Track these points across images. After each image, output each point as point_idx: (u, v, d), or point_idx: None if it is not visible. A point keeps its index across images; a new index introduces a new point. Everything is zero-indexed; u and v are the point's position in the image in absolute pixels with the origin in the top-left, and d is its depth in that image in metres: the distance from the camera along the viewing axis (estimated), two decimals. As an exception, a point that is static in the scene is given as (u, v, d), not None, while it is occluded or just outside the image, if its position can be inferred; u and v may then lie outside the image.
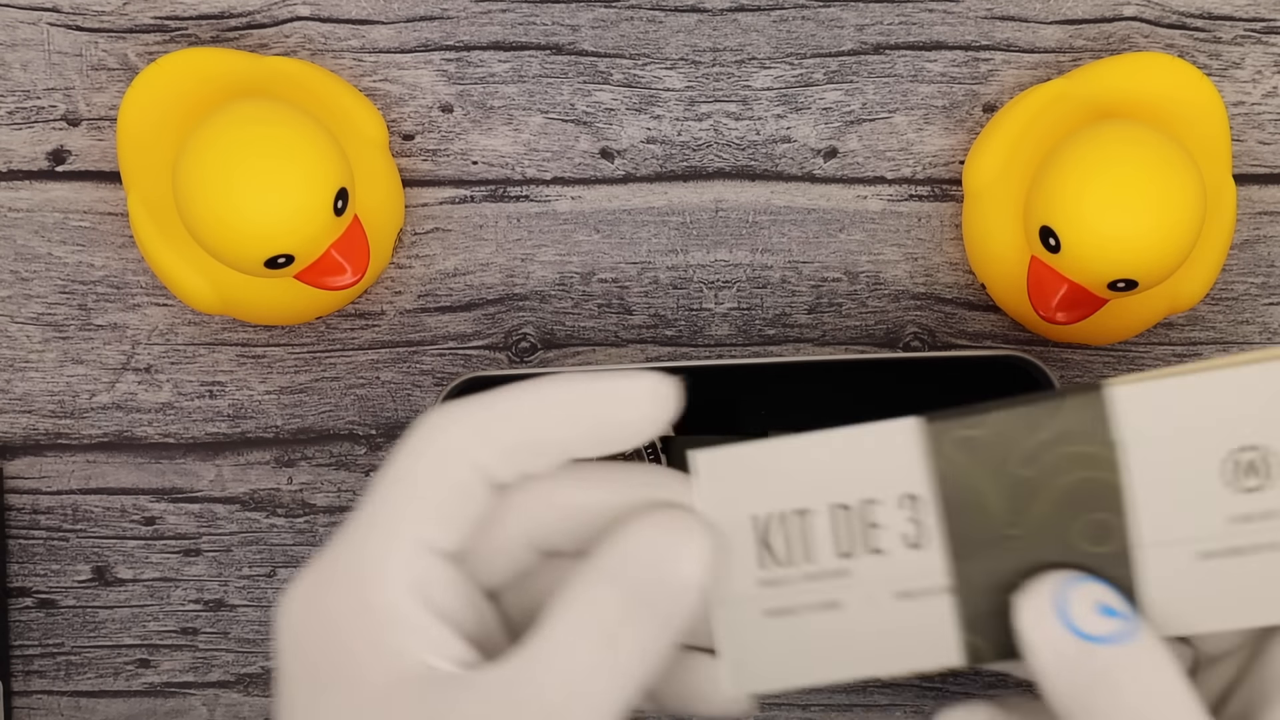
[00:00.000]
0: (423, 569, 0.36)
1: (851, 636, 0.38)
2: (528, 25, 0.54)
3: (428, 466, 0.36)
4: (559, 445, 0.36)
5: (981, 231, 0.52)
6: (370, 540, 0.36)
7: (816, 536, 0.38)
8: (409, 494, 0.36)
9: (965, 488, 0.38)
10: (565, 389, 0.36)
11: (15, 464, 0.55)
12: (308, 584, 0.36)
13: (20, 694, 0.55)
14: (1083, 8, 0.54)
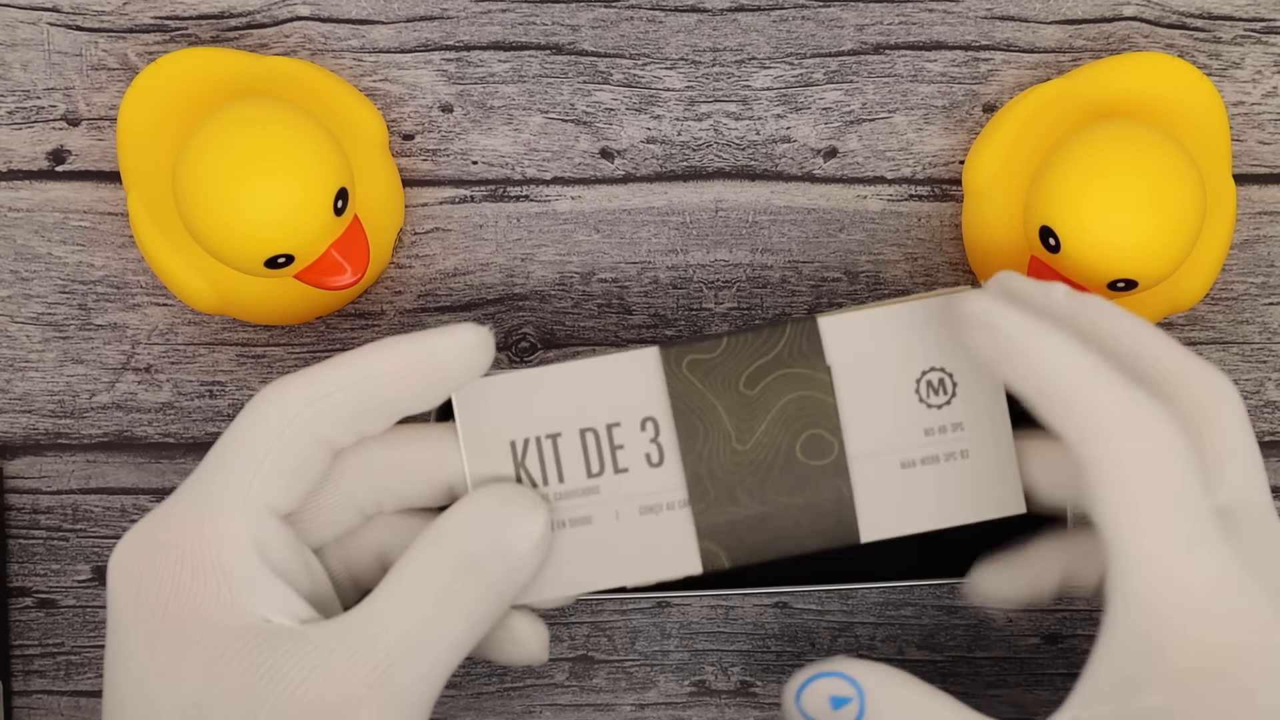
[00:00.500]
0: (261, 529, 0.38)
1: (604, 549, 0.42)
2: (528, 25, 0.54)
3: (268, 432, 0.38)
4: (392, 405, 0.39)
5: (981, 231, 0.52)
6: (211, 499, 0.37)
7: (567, 458, 0.42)
8: (249, 457, 0.38)
9: (698, 408, 0.42)
10: (392, 351, 0.39)
11: (15, 464, 0.55)
12: (143, 537, 0.38)
13: (20, 694, 0.55)
14: (1083, 8, 0.54)
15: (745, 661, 0.55)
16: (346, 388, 0.38)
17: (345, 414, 0.38)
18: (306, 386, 0.38)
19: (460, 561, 0.38)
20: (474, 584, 0.38)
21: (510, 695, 0.55)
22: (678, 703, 0.55)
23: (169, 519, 0.38)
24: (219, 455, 0.38)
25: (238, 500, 0.37)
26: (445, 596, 0.37)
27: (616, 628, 0.55)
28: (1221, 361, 0.55)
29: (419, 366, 0.39)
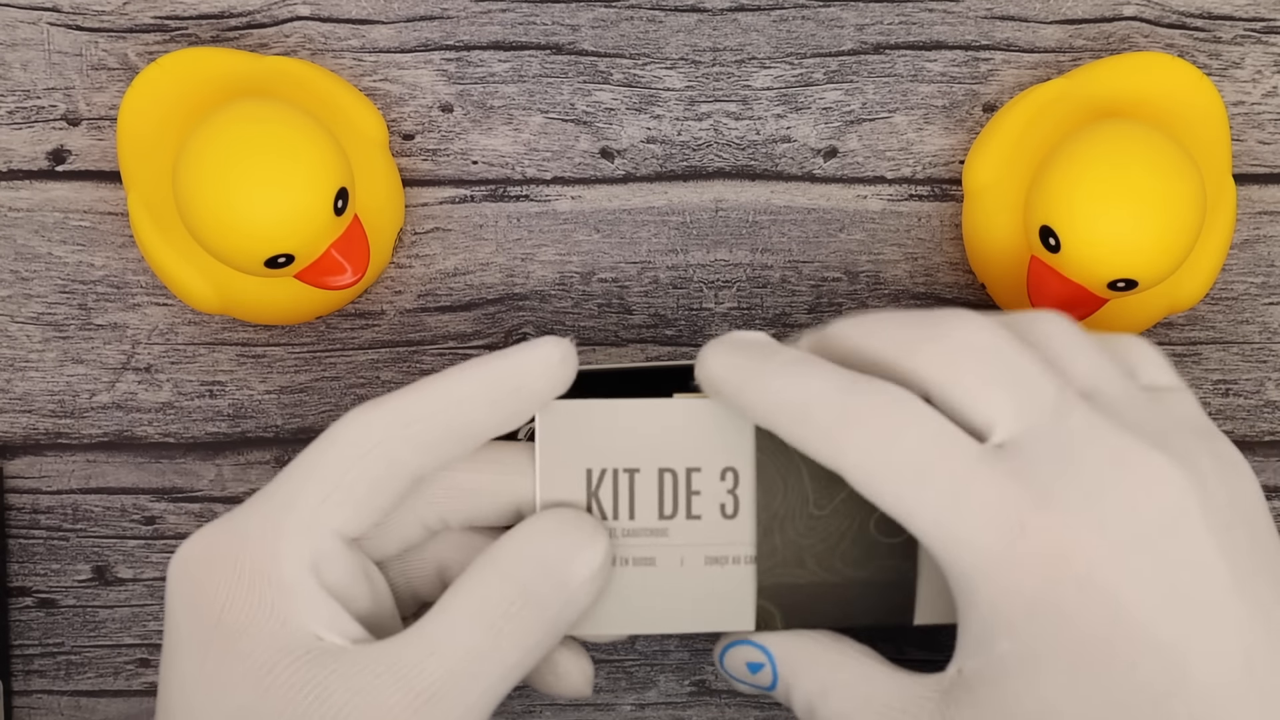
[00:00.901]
0: (325, 549, 0.37)
1: (663, 593, 0.41)
2: (528, 25, 0.54)
3: (345, 456, 0.37)
4: (477, 429, 0.38)
5: (981, 231, 0.52)
6: (279, 515, 0.37)
7: (641, 495, 0.41)
8: (326, 480, 0.37)
9: (783, 467, 0.41)
10: (476, 374, 0.38)
11: (15, 464, 0.55)
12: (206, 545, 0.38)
13: (20, 694, 0.55)
14: (1083, 8, 0.54)
15: (745, 661, 0.55)
16: (432, 415, 0.38)
17: (429, 442, 0.38)
18: (392, 412, 0.38)
19: (515, 588, 0.37)
20: (528, 612, 0.37)
21: (510, 695, 0.55)
22: (678, 702, 0.55)
23: (233, 529, 0.38)
24: (294, 472, 0.38)
25: (305, 519, 0.37)
26: (497, 624, 0.36)
27: (616, 627, 0.55)
28: (1221, 361, 0.55)
29: (504, 387, 0.38)
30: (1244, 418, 0.55)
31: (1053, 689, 0.35)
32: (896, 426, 0.36)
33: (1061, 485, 0.35)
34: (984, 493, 0.35)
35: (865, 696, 0.39)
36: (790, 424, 0.38)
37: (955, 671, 0.37)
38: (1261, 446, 0.55)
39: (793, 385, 0.37)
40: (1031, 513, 0.35)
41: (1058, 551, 0.35)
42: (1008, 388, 0.36)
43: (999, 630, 0.36)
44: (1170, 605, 0.34)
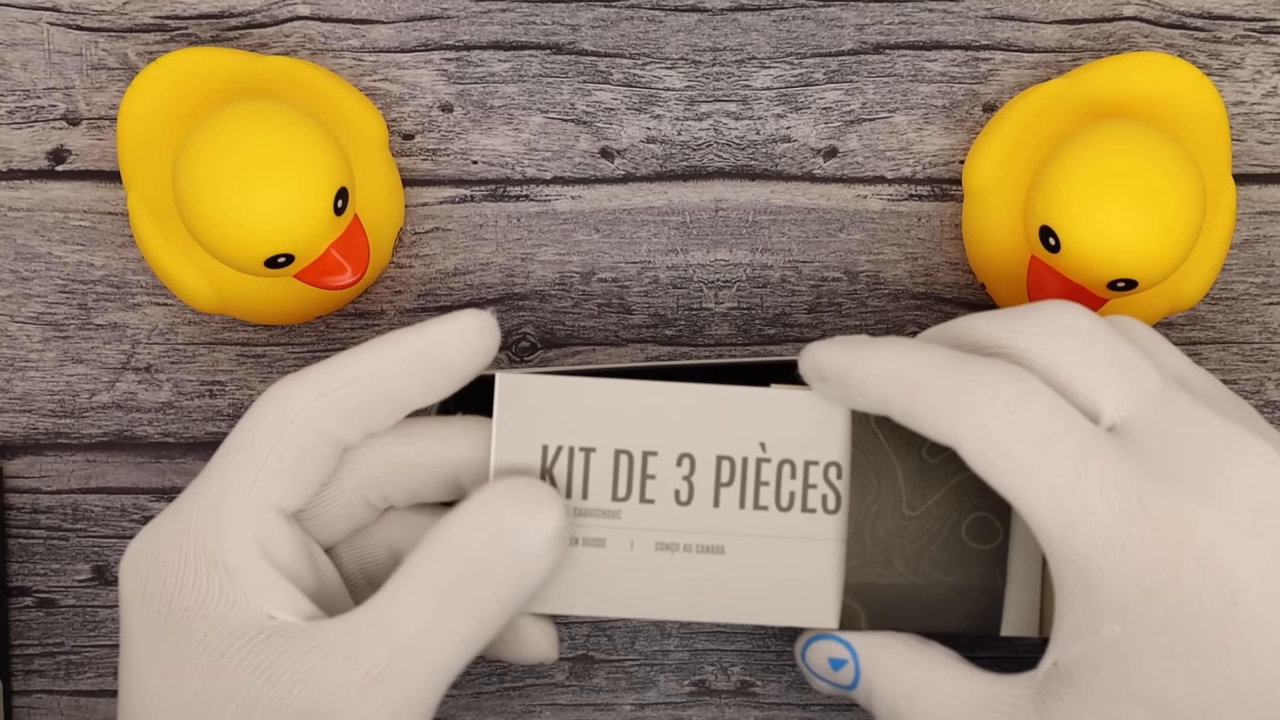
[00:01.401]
0: (265, 527, 0.37)
1: (612, 576, 0.40)
2: (528, 25, 0.54)
3: (272, 430, 0.37)
4: (397, 399, 0.38)
5: (981, 231, 0.52)
6: (214, 498, 0.37)
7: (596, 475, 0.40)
8: (255, 456, 0.37)
9: (877, 464, 0.40)
10: (394, 344, 0.38)
11: (15, 464, 0.55)
12: (151, 537, 0.38)
13: (20, 693, 0.55)
14: (1083, 8, 0.54)
15: (745, 661, 0.55)
16: (349, 383, 0.38)
17: (349, 410, 0.38)
18: (310, 383, 0.38)
19: (466, 561, 0.36)
20: (480, 585, 0.36)
21: (510, 695, 0.55)
22: (678, 702, 0.55)
23: (175, 518, 0.38)
24: (223, 455, 0.38)
25: (240, 498, 0.37)
26: (448, 599, 0.36)
27: (616, 627, 0.55)
28: (1221, 361, 0.55)
29: (420, 357, 0.38)
30: (1244, 418, 0.55)
31: (1165, 671, 0.34)
32: (1015, 398, 0.36)
33: (1178, 465, 0.35)
34: (1105, 468, 0.35)
35: (954, 697, 0.38)
36: (903, 396, 0.37)
37: (1050, 665, 0.37)
38: (1261, 446, 0.55)
39: (905, 357, 0.37)
40: (1151, 491, 0.35)
41: (1179, 528, 0.35)
42: (1116, 372, 0.37)
43: (1110, 612, 0.35)
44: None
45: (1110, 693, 0.35)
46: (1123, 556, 0.35)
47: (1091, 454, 0.35)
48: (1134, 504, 0.35)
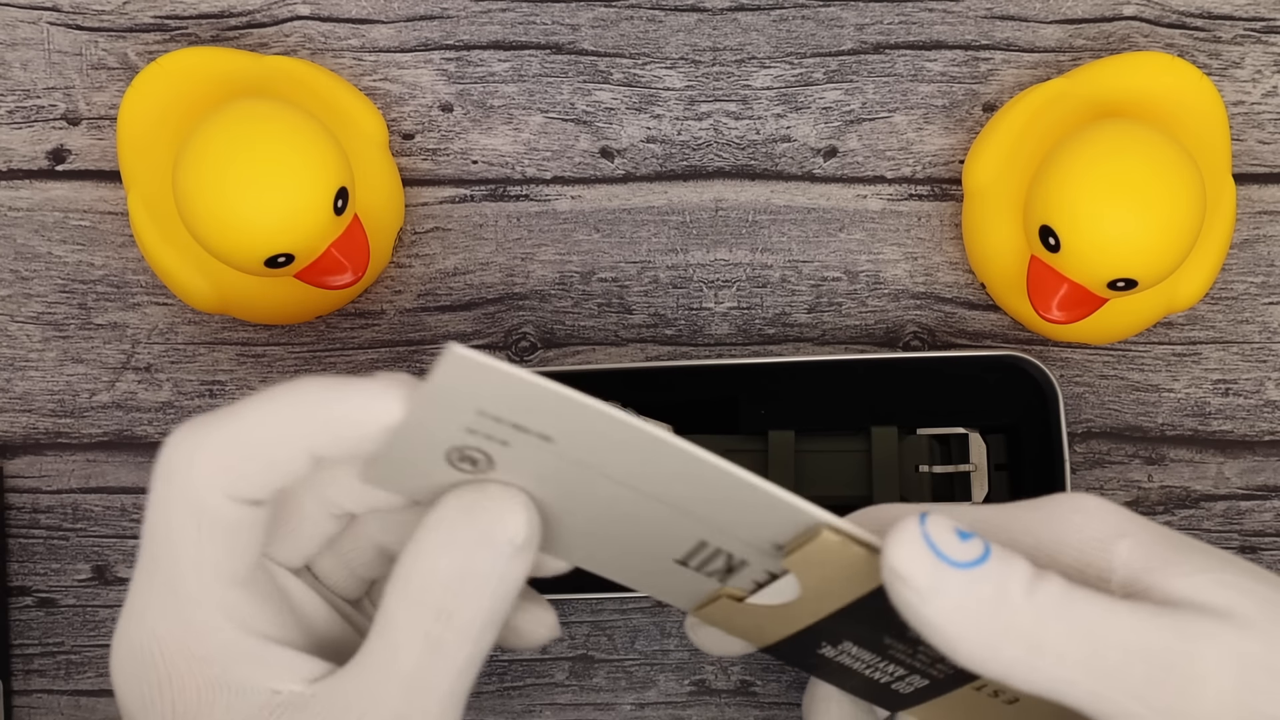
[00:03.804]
0: (235, 603, 0.36)
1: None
2: (528, 25, 0.54)
3: (186, 518, 0.35)
4: (301, 456, 0.35)
5: (981, 231, 0.52)
6: (173, 603, 0.35)
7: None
8: (186, 550, 0.35)
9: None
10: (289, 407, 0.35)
11: (15, 463, 0.55)
12: (127, 658, 0.36)
13: (20, 693, 0.55)
14: (1083, 7, 0.54)
15: (745, 661, 0.55)
16: (257, 457, 0.35)
17: (261, 481, 0.35)
18: (211, 455, 0.35)
19: (441, 589, 0.35)
20: (463, 608, 0.35)
21: (510, 695, 0.55)
22: (678, 702, 0.55)
23: (141, 632, 0.36)
24: (150, 543, 0.36)
25: (197, 594, 0.35)
26: (434, 633, 0.35)
27: (616, 627, 0.55)
28: (1221, 361, 0.55)
29: (331, 431, 0.35)
30: (1244, 418, 0.55)
31: None
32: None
33: None
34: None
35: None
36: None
37: None
38: (1261, 446, 0.55)
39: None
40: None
41: None
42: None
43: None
44: None
45: None
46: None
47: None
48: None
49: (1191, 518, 0.55)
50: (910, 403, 0.53)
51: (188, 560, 0.35)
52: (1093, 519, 0.37)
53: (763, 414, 0.52)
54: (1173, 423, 0.55)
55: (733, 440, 0.52)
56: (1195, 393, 0.55)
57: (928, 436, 0.53)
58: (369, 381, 0.35)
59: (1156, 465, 0.55)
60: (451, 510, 0.36)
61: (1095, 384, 0.55)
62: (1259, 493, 0.55)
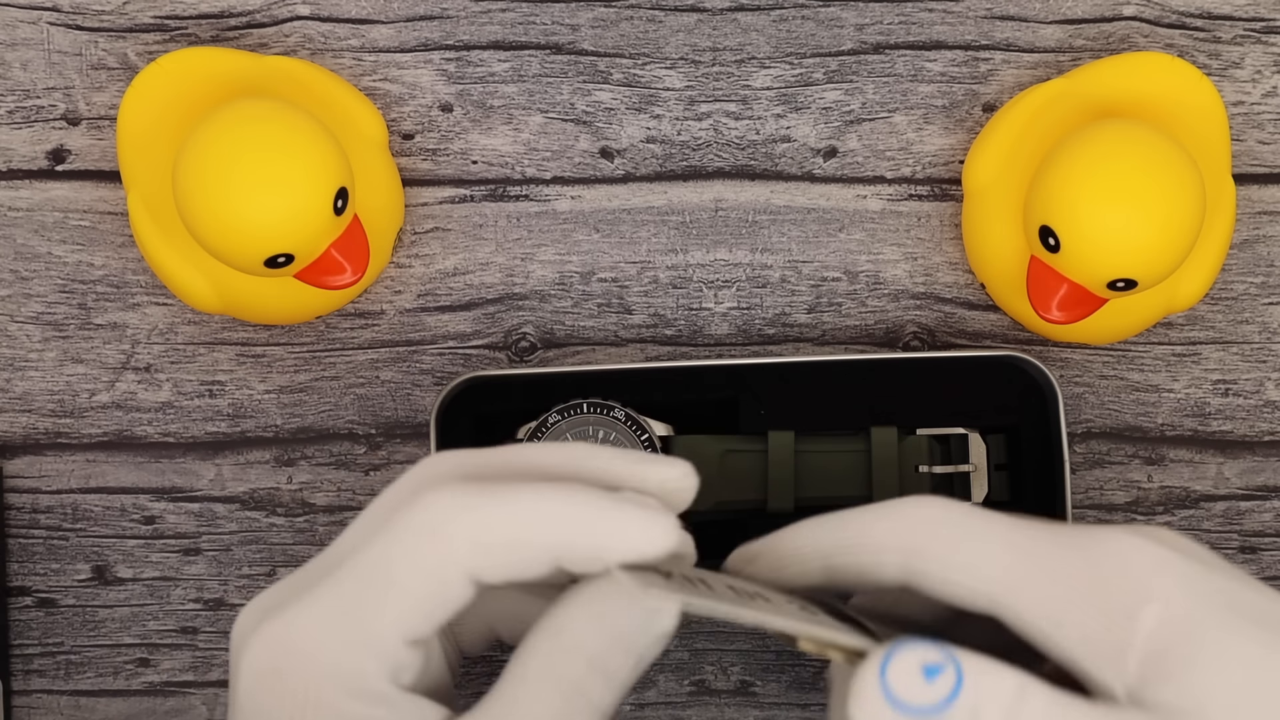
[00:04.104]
0: (401, 659, 0.36)
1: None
2: (528, 25, 0.54)
3: (428, 578, 0.35)
4: (549, 565, 0.35)
5: (981, 231, 0.52)
6: (352, 631, 0.35)
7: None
8: (405, 602, 0.35)
9: None
10: (565, 507, 0.35)
11: (15, 463, 0.55)
12: (274, 657, 0.35)
13: (20, 693, 0.55)
14: (1083, 8, 0.54)
15: (745, 661, 0.54)
16: (516, 549, 0.35)
17: (506, 571, 0.35)
18: (476, 532, 0.35)
19: (586, 659, 0.35)
20: (599, 683, 0.35)
21: (510, 695, 0.54)
22: (677, 702, 0.54)
23: (303, 641, 0.36)
24: (367, 583, 0.35)
25: (383, 638, 0.35)
26: (571, 697, 0.35)
27: (616, 627, 0.54)
28: (1221, 361, 0.55)
29: (594, 545, 0.35)
30: (1244, 418, 0.55)
31: None
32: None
33: None
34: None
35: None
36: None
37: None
38: (1261, 446, 0.55)
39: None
40: None
41: None
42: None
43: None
44: None
45: None
46: None
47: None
48: None
49: (1191, 518, 0.55)
50: (910, 403, 0.53)
51: (395, 612, 0.35)
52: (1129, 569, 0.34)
53: (763, 414, 0.52)
54: (1173, 423, 0.55)
55: (733, 440, 0.52)
56: (1195, 393, 0.55)
57: (928, 436, 0.53)
58: (642, 510, 0.35)
59: (1156, 465, 0.55)
60: (618, 590, 0.35)
61: (1095, 384, 0.55)
62: (1259, 493, 0.55)
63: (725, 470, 0.52)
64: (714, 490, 0.52)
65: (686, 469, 0.37)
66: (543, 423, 0.51)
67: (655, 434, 0.52)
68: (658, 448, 0.52)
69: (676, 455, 0.52)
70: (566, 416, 0.52)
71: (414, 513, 0.35)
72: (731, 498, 0.52)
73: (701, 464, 0.52)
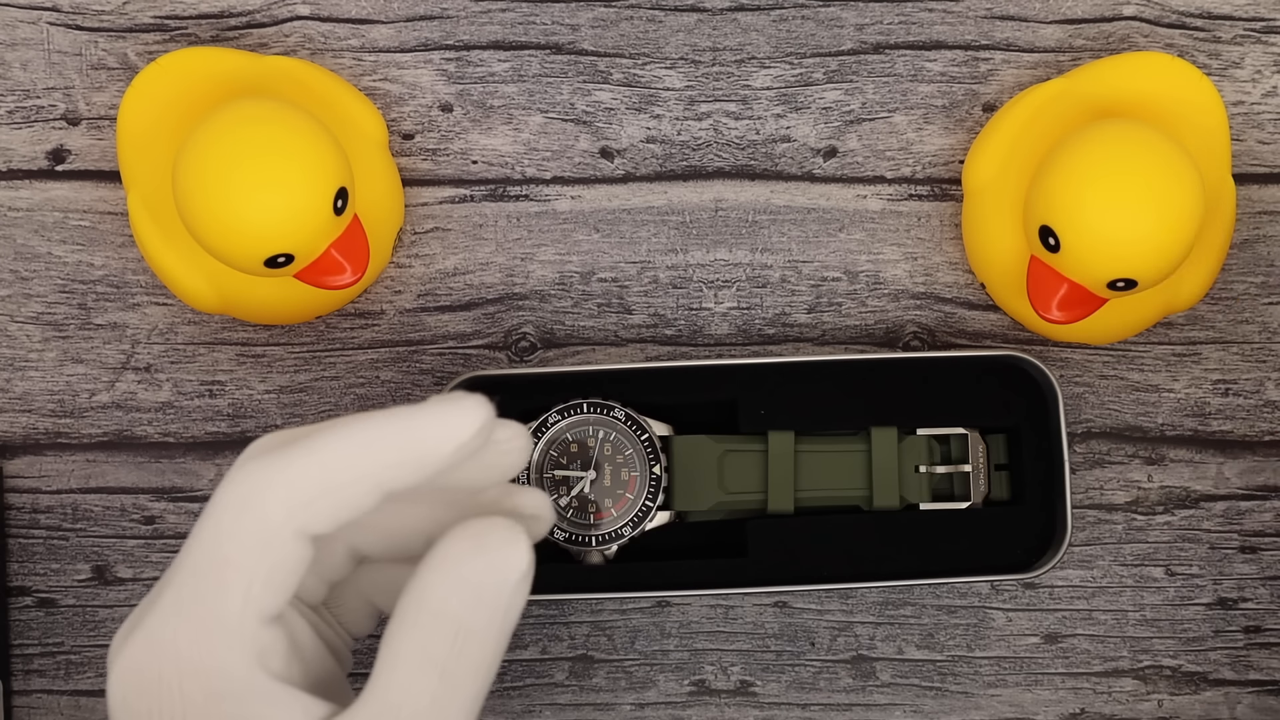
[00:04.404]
0: (261, 642, 0.35)
1: None
2: (528, 25, 0.54)
3: (254, 546, 0.35)
4: (380, 492, 0.36)
5: (981, 231, 0.52)
6: (207, 628, 0.35)
7: None
8: (241, 577, 0.35)
9: None
10: (384, 444, 0.35)
11: (15, 463, 0.55)
12: (137, 672, 0.35)
13: (20, 693, 0.55)
14: (1083, 7, 0.54)
15: (745, 661, 0.55)
16: (334, 491, 0.35)
17: (334, 516, 0.35)
18: (290, 488, 0.35)
19: (452, 624, 0.35)
20: (471, 643, 0.35)
21: (510, 695, 0.55)
22: (677, 702, 0.55)
23: (160, 646, 0.35)
24: (202, 568, 0.35)
25: (235, 621, 0.35)
26: (448, 667, 0.35)
27: (616, 627, 0.55)
28: (1221, 361, 0.55)
29: (409, 461, 0.35)
30: (1244, 418, 0.55)
31: None
32: None
33: None
34: None
35: None
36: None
37: None
38: (1261, 446, 0.55)
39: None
40: None
41: None
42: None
43: None
44: None
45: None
46: None
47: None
48: None
49: (1191, 518, 0.55)
50: (910, 403, 0.53)
51: (239, 594, 0.35)
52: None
53: (763, 414, 0.52)
54: (1173, 423, 0.55)
55: (733, 440, 0.52)
56: (1195, 393, 0.55)
57: (928, 436, 0.53)
58: (436, 403, 0.35)
59: (1156, 465, 0.55)
60: (464, 544, 0.36)
61: (1095, 384, 0.55)
62: (1259, 493, 0.55)
63: (725, 470, 0.52)
64: (714, 490, 0.52)
65: (473, 406, 0.36)
66: (543, 423, 0.52)
67: (655, 434, 0.52)
68: (658, 448, 0.52)
69: (676, 455, 0.52)
70: (566, 416, 0.52)
71: (227, 489, 0.35)
72: (731, 498, 0.52)
73: (701, 464, 0.52)
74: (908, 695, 0.54)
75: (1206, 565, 0.54)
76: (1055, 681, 0.55)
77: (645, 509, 0.51)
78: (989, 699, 0.54)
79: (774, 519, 0.52)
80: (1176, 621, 0.54)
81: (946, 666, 0.54)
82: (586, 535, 0.51)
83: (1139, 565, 0.55)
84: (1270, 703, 0.54)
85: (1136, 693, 0.54)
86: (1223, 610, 0.54)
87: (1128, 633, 0.54)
